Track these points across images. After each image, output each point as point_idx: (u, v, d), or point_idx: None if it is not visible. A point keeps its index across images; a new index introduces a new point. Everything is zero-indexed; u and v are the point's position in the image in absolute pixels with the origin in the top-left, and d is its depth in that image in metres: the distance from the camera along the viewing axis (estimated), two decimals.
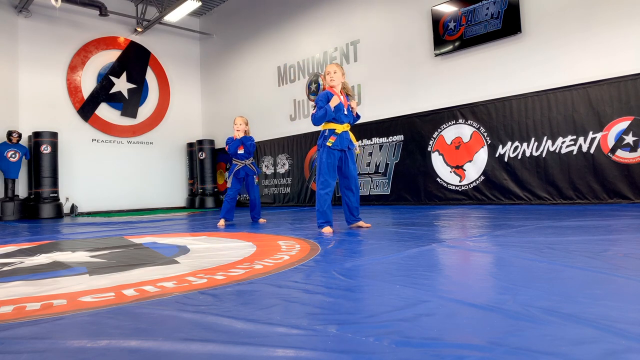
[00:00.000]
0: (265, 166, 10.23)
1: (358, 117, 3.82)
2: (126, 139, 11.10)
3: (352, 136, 3.71)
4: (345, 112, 3.64)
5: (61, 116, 10.08)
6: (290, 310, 1.31)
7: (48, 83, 9.97)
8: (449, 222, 4.04)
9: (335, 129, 3.59)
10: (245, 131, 5.13)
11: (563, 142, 5.80)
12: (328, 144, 3.56)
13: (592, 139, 5.56)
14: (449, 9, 6.97)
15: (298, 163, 9.40)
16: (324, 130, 3.63)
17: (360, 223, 3.78)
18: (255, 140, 10.52)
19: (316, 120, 3.56)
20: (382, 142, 7.88)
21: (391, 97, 7.91)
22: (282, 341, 1.05)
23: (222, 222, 4.82)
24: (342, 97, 3.66)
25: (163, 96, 11.81)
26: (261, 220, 5.19)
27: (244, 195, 10.93)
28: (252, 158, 5.17)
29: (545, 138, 5.96)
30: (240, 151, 5.08)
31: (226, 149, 5.14)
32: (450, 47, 6.99)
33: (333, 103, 3.53)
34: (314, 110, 3.57)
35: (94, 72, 10.66)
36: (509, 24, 6.30)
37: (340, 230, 3.65)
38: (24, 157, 8.96)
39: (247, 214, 7.03)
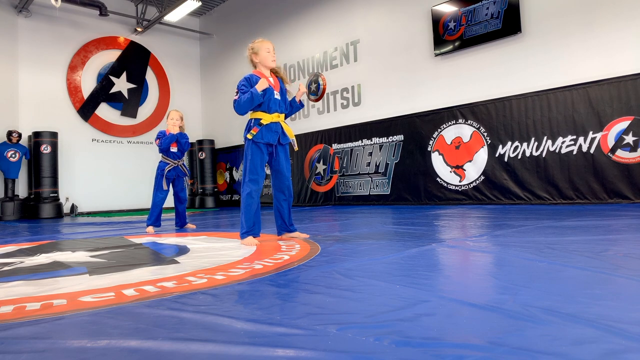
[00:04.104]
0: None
1: (301, 105, 3.21)
2: (126, 139, 11.10)
3: (286, 128, 3.08)
4: (277, 97, 3.03)
5: (61, 116, 10.08)
6: (290, 310, 1.31)
7: (48, 83, 9.97)
8: (449, 222, 4.04)
9: (261, 119, 2.97)
10: (180, 127, 4.63)
11: (563, 142, 5.80)
12: (249, 136, 2.95)
13: (592, 139, 5.56)
14: (449, 9, 6.97)
15: (298, 163, 9.40)
16: (250, 120, 3.01)
17: (296, 234, 3.17)
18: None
19: (239, 108, 2.90)
20: (382, 142, 7.88)
21: (391, 97, 7.91)
22: (282, 341, 1.05)
23: (151, 229, 4.43)
24: (272, 80, 3.04)
25: (163, 96, 11.80)
26: (190, 226, 4.77)
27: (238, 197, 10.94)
28: (183, 158, 4.74)
29: (545, 138, 5.96)
30: (174, 149, 4.58)
31: (156, 143, 4.58)
32: (450, 47, 6.99)
33: (260, 86, 2.88)
34: (236, 96, 2.92)
35: (94, 72, 10.66)
36: (509, 24, 6.30)
37: (339, 231, 3.64)
38: (24, 157, 8.96)
39: (239, 214, 7.04)
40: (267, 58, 3.03)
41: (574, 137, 5.71)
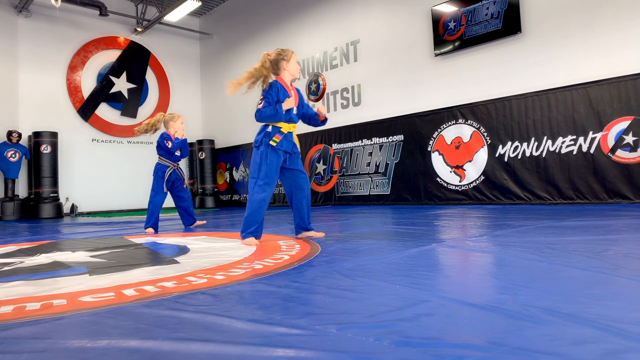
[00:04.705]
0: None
1: (323, 123, 3.24)
2: (126, 139, 11.10)
3: (296, 139, 3.18)
4: (295, 111, 3.12)
5: (61, 116, 10.08)
6: (290, 310, 1.31)
7: (48, 83, 9.96)
8: (449, 222, 4.04)
9: (281, 128, 3.03)
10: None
11: (563, 142, 5.80)
12: (272, 142, 3.00)
13: (592, 139, 5.56)
14: (449, 9, 6.97)
15: None
16: (266, 126, 3.05)
17: (312, 233, 3.19)
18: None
19: (261, 118, 3.00)
20: (382, 142, 7.88)
21: (391, 97, 7.90)
22: (282, 341, 1.05)
23: (151, 230, 4.40)
24: (293, 91, 3.14)
25: (163, 96, 11.80)
26: (200, 222, 4.86)
27: (245, 196, 10.95)
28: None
29: (545, 138, 5.96)
30: (178, 152, 4.65)
31: (168, 144, 4.56)
32: (450, 47, 6.99)
33: (287, 105, 2.99)
34: (261, 105, 2.99)
35: (94, 72, 10.66)
36: (509, 24, 6.30)
37: (339, 231, 3.65)
38: (24, 157, 8.96)
39: (239, 214, 7.04)
40: (297, 69, 3.17)
41: (574, 137, 5.71)
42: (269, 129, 3.02)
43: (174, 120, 4.68)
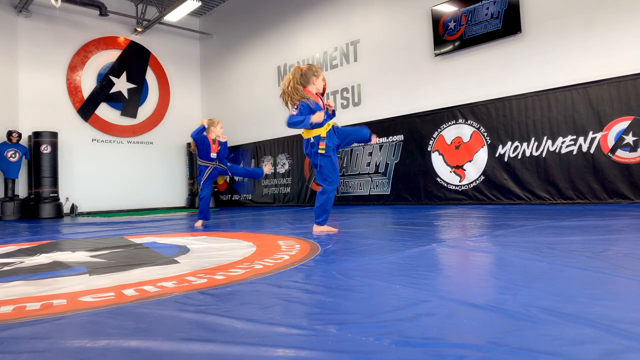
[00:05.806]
0: (265, 166, 10.22)
1: (333, 114, 3.63)
2: (126, 139, 11.10)
3: (333, 123, 3.52)
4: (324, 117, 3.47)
5: (61, 116, 10.07)
6: (290, 310, 1.31)
7: (48, 83, 9.96)
8: (449, 222, 4.04)
9: (320, 135, 3.39)
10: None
11: (563, 142, 5.80)
12: (321, 151, 3.38)
13: (592, 139, 5.56)
14: (449, 9, 6.97)
15: (298, 163, 9.40)
16: (309, 139, 3.43)
17: (314, 227, 3.52)
18: (256, 141, 10.62)
19: (291, 123, 3.33)
20: (382, 142, 7.88)
21: (391, 97, 7.90)
22: (282, 341, 1.05)
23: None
24: (320, 100, 3.48)
25: (163, 96, 11.80)
26: (199, 224, 5.04)
27: (244, 196, 10.96)
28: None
29: (545, 138, 5.96)
30: (214, 154, 5.30)
31: (217, 150, 5.26)
32: (450, 47, 6.99)
33: (316, 119, 3.28)
34: (295, 112, 3.31)
35: (94, 72, 10.66)
36: (509, 24, 6.30)
37: (339, 231, 3.65)
38: (24, 157, 8.96)
39: (244, 213, 7.04)
40: (322, 85, 3.52)
41: (574, 137, 5.71)
42: (312, 140, 3.40)
43: (214, 126, 5.22)
